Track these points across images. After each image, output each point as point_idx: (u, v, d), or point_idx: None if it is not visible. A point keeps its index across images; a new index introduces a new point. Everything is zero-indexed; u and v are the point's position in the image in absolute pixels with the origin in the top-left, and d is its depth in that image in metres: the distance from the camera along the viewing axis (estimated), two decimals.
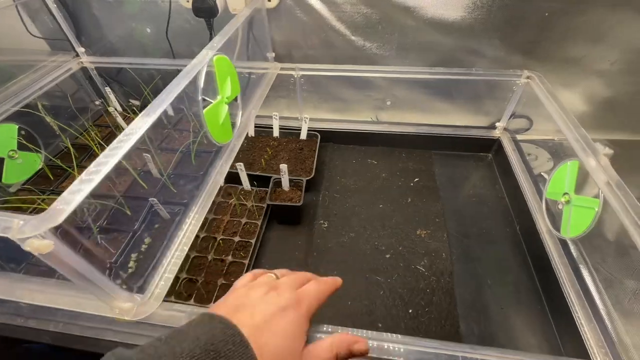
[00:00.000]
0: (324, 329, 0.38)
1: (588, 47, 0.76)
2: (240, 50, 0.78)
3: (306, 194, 0.79)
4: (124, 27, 0.95)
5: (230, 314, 0.31)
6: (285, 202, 0.71)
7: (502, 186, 0.82)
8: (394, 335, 0.39)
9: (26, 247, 0.26)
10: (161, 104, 0.38)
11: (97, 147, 0.86)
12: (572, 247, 0.60)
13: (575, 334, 0.52)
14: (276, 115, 0.87)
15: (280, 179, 0.73)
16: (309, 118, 0.87)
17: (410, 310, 0.61)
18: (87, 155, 0.87)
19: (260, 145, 0.90)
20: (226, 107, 0.54)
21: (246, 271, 0.64)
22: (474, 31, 0.79)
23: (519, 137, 0.87)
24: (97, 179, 0.28)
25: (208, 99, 0.49)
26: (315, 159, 0.83)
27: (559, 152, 0.87)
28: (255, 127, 0.92)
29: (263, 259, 0.69)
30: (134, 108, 0.96)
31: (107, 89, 0.96)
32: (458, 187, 0.84)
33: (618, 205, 0.48)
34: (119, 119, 0.90)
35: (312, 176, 0.78)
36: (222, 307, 0.33)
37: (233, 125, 0.58)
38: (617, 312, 0.53)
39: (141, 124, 0.35)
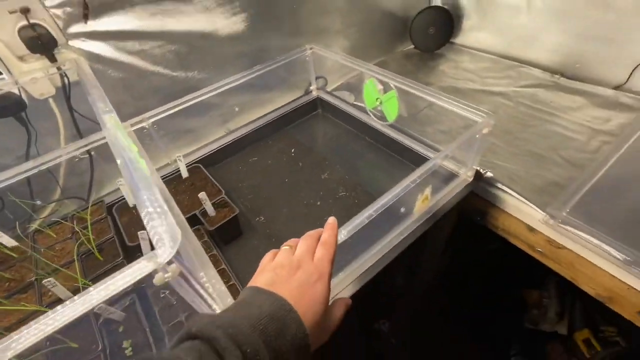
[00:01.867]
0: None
1: (327, 18, 1.15)
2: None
3: (224, 210, 0.83)
4: None
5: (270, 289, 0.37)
6: (225, 219, 0.76)
7: (343, 123, 1.14)
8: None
9: None
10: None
11: None
12: (398, 125, 0.96)
13: None
14: None
15: (205, 209, 0.77)
16: (183, 155, 0.90)
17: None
18: None
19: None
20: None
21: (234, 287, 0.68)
22: (258, 34, 1.03)
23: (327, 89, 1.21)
24: None
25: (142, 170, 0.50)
26: (213, 179, 0.88)
27: (349, 87, 1.27)
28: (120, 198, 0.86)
29: (240, 274, 0.73)
30: None
31: None
32: (317, 141, 1.10)
33: (402, 85, 0.84)
34: None
35: (224, 192, 0.84)
36: (260, 284, 0.39)
37: None
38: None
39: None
